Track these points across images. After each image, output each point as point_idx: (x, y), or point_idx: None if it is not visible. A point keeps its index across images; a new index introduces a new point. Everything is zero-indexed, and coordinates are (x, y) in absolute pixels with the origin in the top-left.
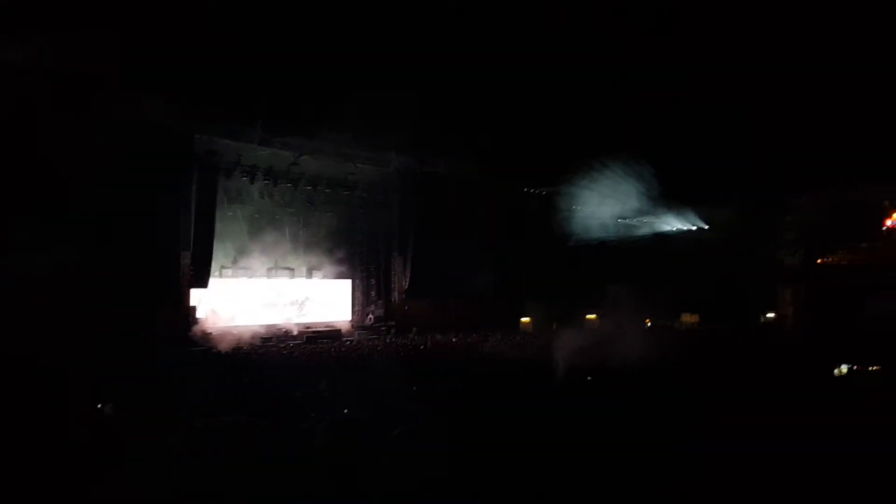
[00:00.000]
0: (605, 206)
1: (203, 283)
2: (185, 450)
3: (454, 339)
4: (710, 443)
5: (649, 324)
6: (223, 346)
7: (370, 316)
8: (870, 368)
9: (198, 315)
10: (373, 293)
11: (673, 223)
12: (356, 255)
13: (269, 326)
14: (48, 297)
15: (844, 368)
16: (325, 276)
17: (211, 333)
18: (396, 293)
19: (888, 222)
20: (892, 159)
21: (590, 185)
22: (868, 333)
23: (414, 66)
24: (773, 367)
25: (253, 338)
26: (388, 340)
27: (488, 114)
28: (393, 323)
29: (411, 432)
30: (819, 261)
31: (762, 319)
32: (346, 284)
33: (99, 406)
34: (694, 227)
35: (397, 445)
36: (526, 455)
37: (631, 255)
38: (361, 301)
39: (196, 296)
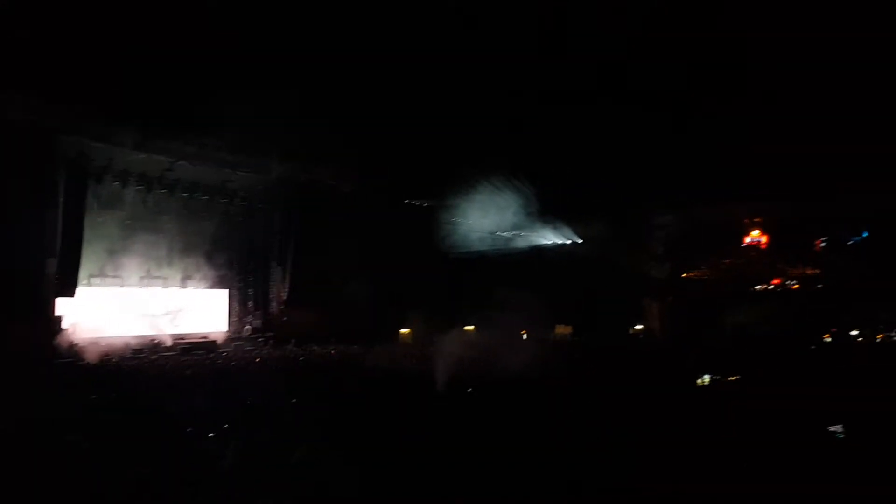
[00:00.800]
0: (483, 219)
1: (70, 292)
2: None
3: (333, 352)
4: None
5: (525, 335)
6: (91, 358)
7: (247, 327)
8: (729, 379)
9: (64, 325)
10: (250, 304)
11: (548, 237)
12: (233, 264)
13: (140, 337)
14: None
15: (707, 378)
16: (200, 286)
17: (78, 345)
18: (275, 304)
19: (747, 239)
20: (751, 180)
21: (469, 199)
22: (729, 345)
23: (297, 72)
24: (640, 376)
25: (124, 349)
26: (265, 352)
27: (370, 125)
28: (271, 334)
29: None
30: (683, 275)
31: (631, 330)
32: (223, 294)
33: None
34: (568, 241)
35: (300, 467)
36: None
37: (508, 267)
38: (238, 312)
39: (63, 305)
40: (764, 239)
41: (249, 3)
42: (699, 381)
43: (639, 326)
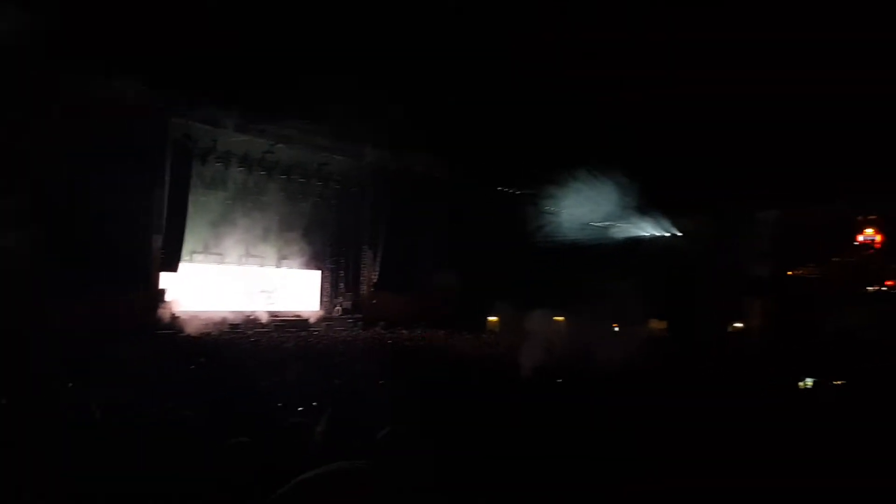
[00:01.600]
0: (578, 208)
1: (173, 267)
2: None
3: (421, 335)
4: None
5: (617, 328)
6: (191, 331)
7: (338, 308)
8: (834, 383)
9: (167, 299)
10: (341, 285)
11: (646, 228)
12: (326, 246)
13: (237, 313)
14: (16, 278)
15: (809, 381)
16: (294, 266)
17: (179, 318)
18: (365, 286)
19: (860, 237)
20: (866, 174)
21: (564, 188)
22: (835, 347)
23: (394, 61)
24: (739, 376)
25: (221, 324)
26: (354, 333)
27: (464, 112)
28: (360, 316)
29: (398, 433)
30: (789, 273)
31: (729, 329)
32: (315, 275)
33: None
34: (667, 234)
35: (386, 446)
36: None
37: (602, 258)
38: (329, 293)
39: (166, 280)
40: (878, 238)
41: None
42: (801, 383)
43: (738, 325)
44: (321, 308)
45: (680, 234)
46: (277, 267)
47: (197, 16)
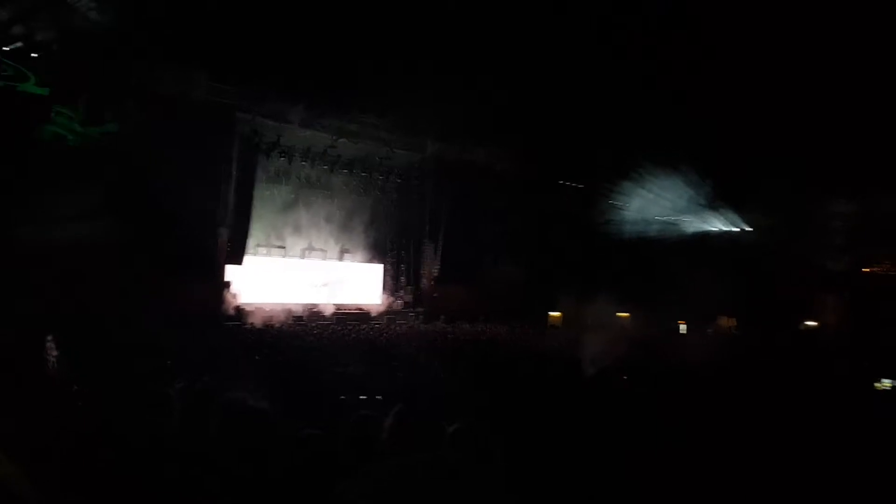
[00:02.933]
0: (645, 202)
1: (239, 259)
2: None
3: (482, 330)
4: (748, 451)
5: (683, 325)
6: (256, 322)
7: (399, 301)
8: None
9: (232, 290)
10: (402, 278)
11: (714, 224)
12: (388, 239)
13: (300, 305)
14: (89, 267)
15: (887, 383)
16: (356, 259)
17: (244, 309)
18: (426, 280)
19: None
20: None
21: (631, 181)
22: None
23: (457, 55)
24: (812, 375)
25: (285, 316)
26: (416, 326)
27: (527, 106)
28: (421, 309)
29: (468, 428)
30: (865, 269)
31: (802, 326)
32: (377, 268)
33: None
34: (736, 229)
35: (456, 441)
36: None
37: (668, 253)
38: (391, 286)
39: (232, 272)
40: None
41: None
42: (878, 384)
43: (811, 322)
44: (383, 301)
45: (750, 228)
46: (340, 260)
47: (262, 13)
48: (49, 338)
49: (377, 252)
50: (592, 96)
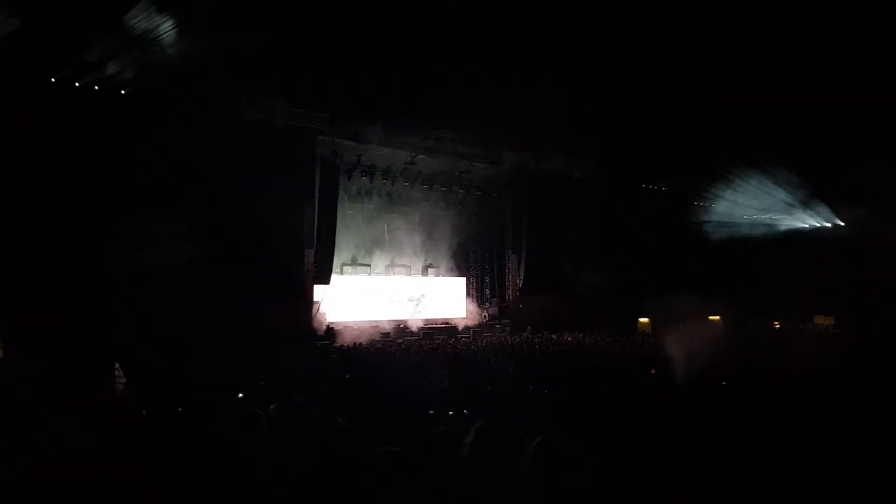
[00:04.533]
0: (731, 204)
1: (326, 279)
2: None
3: (569, 339)
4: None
5: (777, 326)
6: (344, 341)
7: (484, 313)
8: None
9: (321, 310)
10: (487, 291)
11: (805, 220)
12: (470, 252)
13: (387, 322)
14: (182, 291)
15: None
16: (440, 274)
17: (333, 328)
18: (510, 291)
19: None
20: None
21: (716, 182)
22: None
23: (529, 65)
24: None
25: (372, 332)
26: (502, 338)
27: (604, 111)
28: (507, 321)
29: (550, 440)
30: None
31: None
32: (461, 282)
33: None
34: (829, 225)
35: (537, 455)
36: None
37: (758, 252)
38: (476, 298)
39: (319, 291)
40: None
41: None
42: None
43: None
44: (468, 314)
45: (843, 223)
46: (424, 275)
47: (337, 36)
48: (143, 362)
49: (461, 265)
50: (670, 96)
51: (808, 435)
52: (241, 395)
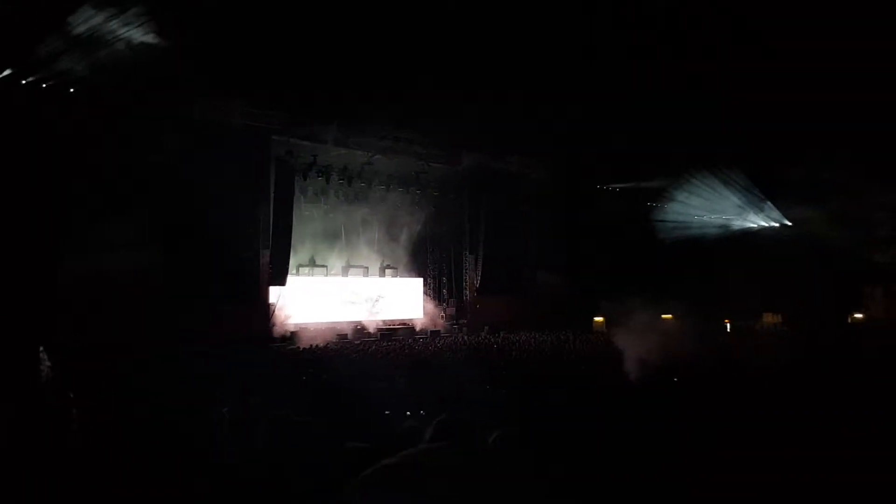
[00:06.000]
0: (682, 203)
1: (282, 280)
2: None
3: (526, 338)
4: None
5: (728, 324)
6: (301, 343)
7: (442, 314)
8: None
9: (276, 312)
10: (444, 291)
11: (754, 220)
12: (428, 253)
13: (344, 323)
14: (135, 294)
15: None
16: (397, 274)
17: (289, 330)
18: (468, 291)
19: None
20: None
21: (665, 182)
22: None
23: (486, 66)
24: (861, 369)
25: (329, 335)
26: (460, 338)
27: (558, 112)
28: (465, 321)
29: (509, 436)
30: None
31: (849, 320)
32: (419, 283)
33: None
34: (777, 224)
35: (498, 449)
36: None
37: (708, 253)
38: (433, 299)
39: (275, 293)
40: None
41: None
42: None
43: (858, 315)
44: (426, 314)
45: (790, 223)
46: (381, 276)
47: (292, 36)
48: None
49: (418, 266)
50: (624, 99)
51: (760, 431)
52: (194, 397)
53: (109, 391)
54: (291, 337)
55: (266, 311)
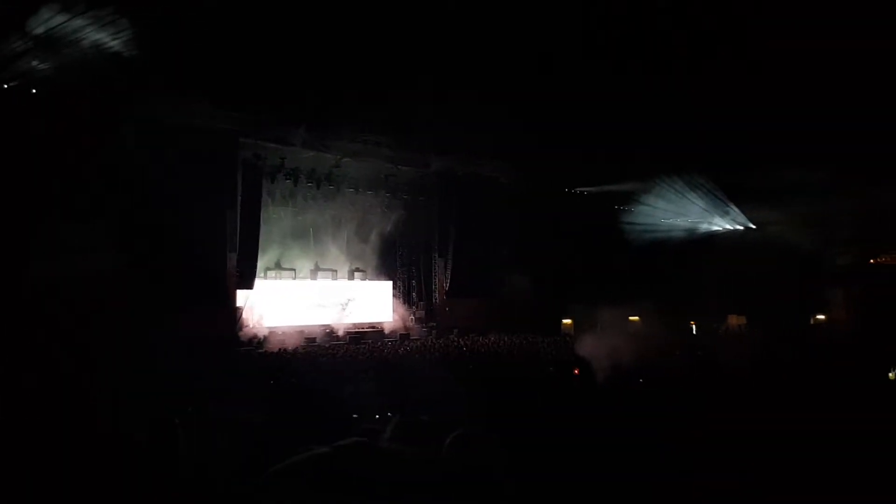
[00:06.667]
0: (649, 207)
1: (249, 284)
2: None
3: (495, 341)
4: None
5: (694, 326)
6: (269, 347)
7: (412, 317)
8: None
9: (244, 316)
10: (414, 294)
11: (719, 223)
12: (397, 256)
13: (313, 327)
14: (99, 298)
15: None
16: (367, 278)
17: (257, 334)
18: (437, 294)
19: None
20: None
21: (633, 186)
22: None
23: (454, 69)
24: (824, 369)
25: (298, 338)
26: (429, 341)
27: (528, 116)
28: (434, 324)
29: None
30: (872, 261)
31: (811, 321)
32: (388, 286)
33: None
34: (741, 227)
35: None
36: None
37: (675, 255)
38: (403, 302)
39: (242, 297)
40: None
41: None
42: (891, 374)
43: (821, 316)
44: (395, 317)
45: (754, 226)
46: (350, 279)
47: (260, 39)
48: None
49: (388, 269)
50: (593, 103)
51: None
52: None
53: (56, 398)
54: (260, 341)
55: (233, 314)
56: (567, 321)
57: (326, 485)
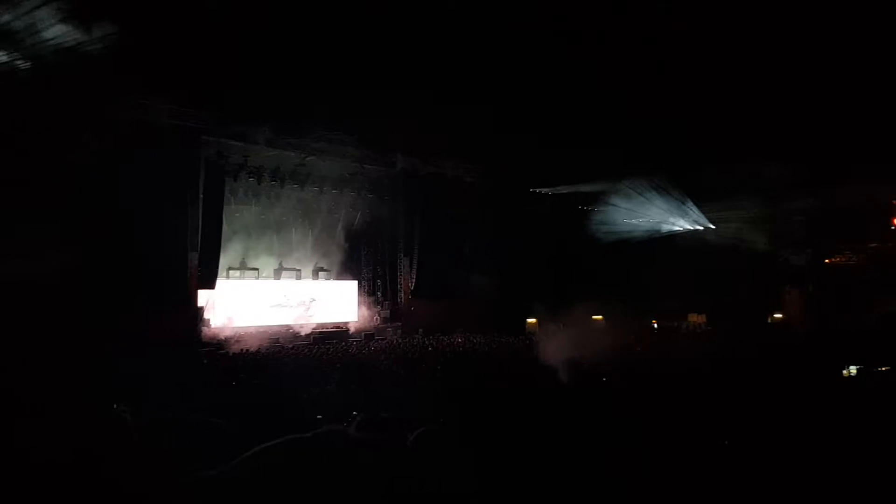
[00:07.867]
0: (611, 207)
1: (211, 284)
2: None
3: (460, 340)
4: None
5: (656, 324)
6: (231, 347)
7: (376, 317)
8: (879, 369)
9: (206, 316)
10: (379, 294)
11: (679, 223)
12: (362, 256)
13: (277, 327)
14: (56, 299)
15: (854, 369)
16: (331, 277)
17: (219, 334)
18: (402, 294)
19: None
20: None
21: (595, 186)
22: (877, 334)
23: (418, 68)
24: (780, 367)
25: (261, 338)
26: (394, 341)
27: (493, 116)
28: (399, 324)
29: (431, 433)
30: (826, 261)
31: (769, 320)
32: (353, 285)
33: (115, 407)
34: (700, 227)
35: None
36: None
37: (637, 255)
38: (367, 302)
39: (204, 297)
40: None
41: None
42: (845, 372)
43: (778, 315)
44: (360, 317)
45: (713, 226)
46: (314, 278)
47: (223, 36)
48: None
49: (353, 268)
50: (558, 104)
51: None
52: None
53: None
54: (221, 341)
55: (194, 314)
56: (532, 321)
57: (299, 467)
